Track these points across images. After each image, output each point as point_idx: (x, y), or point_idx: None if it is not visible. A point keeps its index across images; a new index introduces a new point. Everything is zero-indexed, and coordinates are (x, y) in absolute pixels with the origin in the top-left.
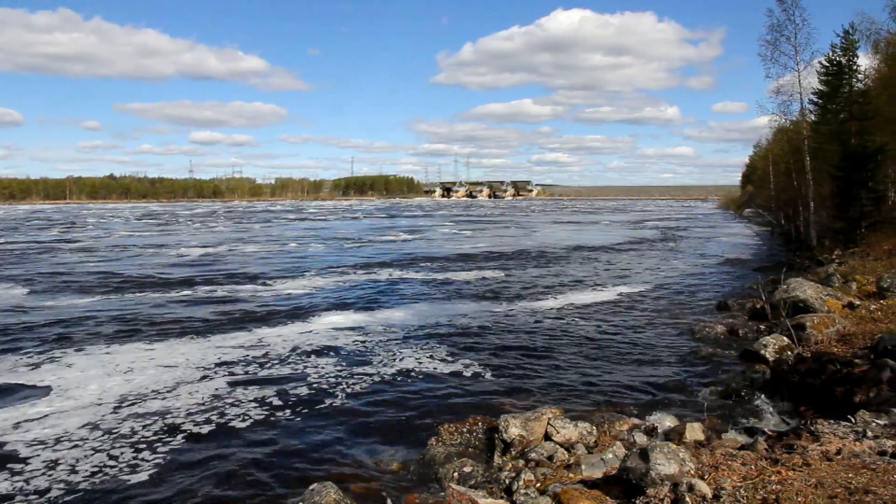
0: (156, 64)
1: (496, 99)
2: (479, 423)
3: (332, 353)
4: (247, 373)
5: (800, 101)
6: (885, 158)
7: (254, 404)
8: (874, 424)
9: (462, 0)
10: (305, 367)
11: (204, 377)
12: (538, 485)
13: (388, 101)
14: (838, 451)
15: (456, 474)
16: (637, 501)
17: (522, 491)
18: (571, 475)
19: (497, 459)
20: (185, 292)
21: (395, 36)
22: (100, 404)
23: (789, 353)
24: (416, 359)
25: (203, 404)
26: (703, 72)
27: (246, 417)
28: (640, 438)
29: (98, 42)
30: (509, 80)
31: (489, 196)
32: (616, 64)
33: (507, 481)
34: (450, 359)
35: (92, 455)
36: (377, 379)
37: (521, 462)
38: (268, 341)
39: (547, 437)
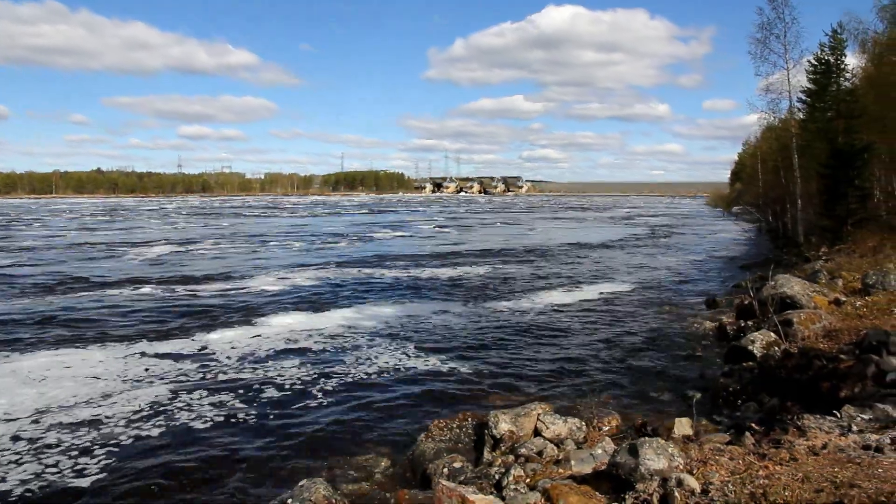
0: (144, 57)
1: (487, 95)
2: (469, 419)
3: (313, 353)
4: (222, 374)
5: (788, 99)
6: (871, 157)
7: (240, 403)
8: (859, 419)
9: None
10: (290, 368)
11: (178, 378)
12: (528, 480)
13: (379, 96)
14: (824, 446)
15: (446, 470)
16: (626, 497)
17: (512, 486)
18: (561, 471)
19: (487, 455)
20: (142, 292)
21: (387, 31)
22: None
23: (776, 348)
24: (404, 357)
25: (185, 405)
26: (694, 69)
27: (232, 418)
28: (630, 434)
29: (86, 35)
30: (500, 76)
31: (479, 192)
32: (607, 61)
33: (496, 477)
34: (437, 356)
35: (56, 459)
36: (363, 377)
37: (511, 458)
38: (244, 342)
39: (536, 432)
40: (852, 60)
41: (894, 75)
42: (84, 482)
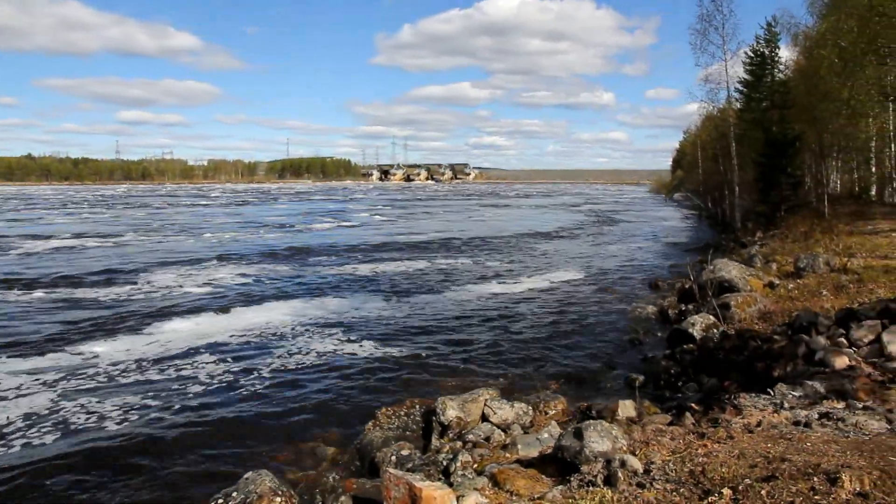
0: (80, 38)
1: (435, 82)
2: (417, 406)
3: (254, 347)
4: (162, 368)
5: (727, 90)
6: (802, 146)
7: (175, 401)
8: (790, 396)
9: None
10: (222, 363)
11: (99, 381)
12: (475, 466)
13: (326, 82)
14: (758, 423)
15: (393, 458)
16: (571, 479)
17: (460, 472)
18: (508, 455)
19: (435, 442)
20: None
21: (335, 15)
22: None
23: (715, 330)
24: (345, 348)
25: (123, 402)
26: (639, 59)
27: (168, 415)
28: (575, 417)
29: (15, 13)
30: (448, 63)
31: (427, 179)
32: (554, 49)
33: (444, 463)
34: (380, 346)
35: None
36: (304, 369)
37: (459, 444)
38: (173, 339)
39: (484, 418)
40: (785, 53)
41: (823, 68)
42: None
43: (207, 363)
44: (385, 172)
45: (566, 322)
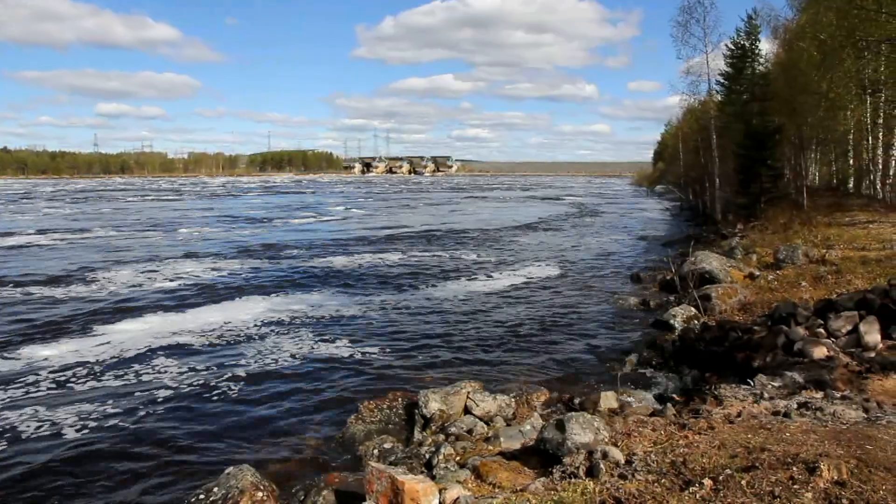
0: (55, 30)
1: (417, 74)
2: (400, 399)
3: (231, 344)
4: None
5: (708, 82)
6: (782, 138)
7: (153, 393)
8: (770, 386)
9: None
10: (200, 362)
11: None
12: (458, 458)
13: (307, 74)
14: (739, 414)
15: (376, 451)
16: (554, 471)
17: (443, 465)
18: (491, 448)
19: (417, 435)
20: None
21: (316, 6)
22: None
23: (696, 322)
24: (326, 343)
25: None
26: (621, 51)
27: (150, 407)
28: (558, 409)
29: None
30: (430, 55)
31: (409, 172)
32: (537, 42)
33: (427, 456)
34: (361, 341)
35: None
36: (284, 365)
37: (442, 437)
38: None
39: (467, 410)
40: (766, 45)
41: (802, 61)
42: None
43: (184, 360)
44: (367, 165)
45: (548, 314)
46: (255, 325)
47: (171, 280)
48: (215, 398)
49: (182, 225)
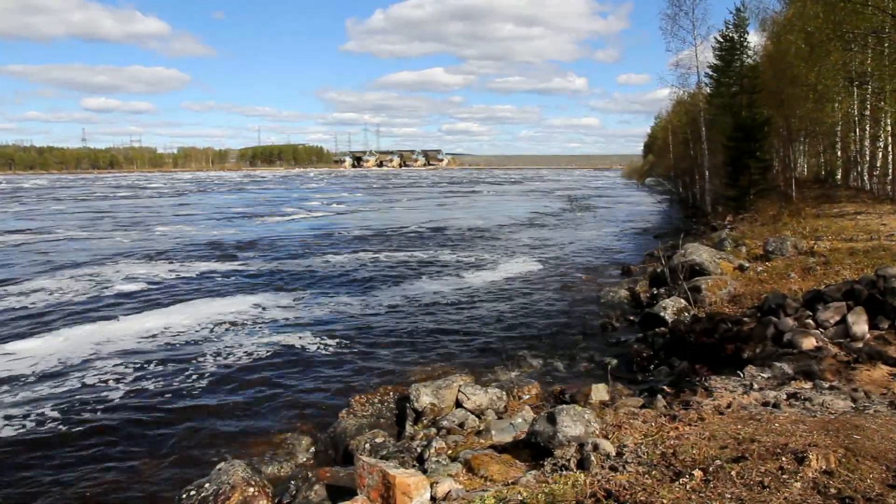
0: (42, 23)
1: (407, 68)
2: (391, 394)
3: (223, 340)
4: (135, 359)
5: (697, 74)
6: (771, 130)
7: (146, 389)
8: (759, 377)
9: None
10: (199, 354)
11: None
12: (450, 452)
13: (297, 68)
14: (729, 405)
15: (367, 446)
16: (545, 463)
17: (434, 459)
18: (482, 441)
19: (409, 429)
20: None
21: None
22: None
23: (686, 314)
24: (315, 338)
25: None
26: (611, 44)
27: (143, 403)
28: (549, 402)
29: None
30: (420, 49)
31: (399, 166)
32: (527, 35)
33: (418, 450)
34: (351, 337)
35: None
36: (274, 360)
37: (433, 430)
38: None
39: (458, 404)
40: (754, 38)
41: (790, 53)
42: None
43: (175, 355)
44: (358, 159)
45: (539, 307)
46: (250, 321)
47: (161, 277)
48: (207, 393)
49: (170, 222)
